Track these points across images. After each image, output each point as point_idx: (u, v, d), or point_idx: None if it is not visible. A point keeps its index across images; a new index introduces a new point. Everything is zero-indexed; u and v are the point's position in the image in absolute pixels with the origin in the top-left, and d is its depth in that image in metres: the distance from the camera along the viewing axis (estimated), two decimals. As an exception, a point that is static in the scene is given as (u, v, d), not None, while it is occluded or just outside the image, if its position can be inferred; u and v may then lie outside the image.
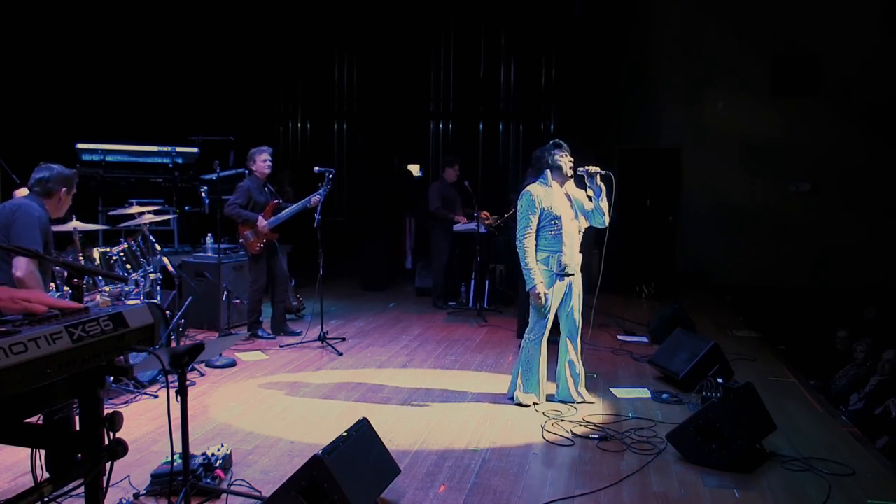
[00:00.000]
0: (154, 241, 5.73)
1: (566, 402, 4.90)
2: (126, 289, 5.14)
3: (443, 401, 5.00)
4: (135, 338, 2.16)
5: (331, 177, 6.29)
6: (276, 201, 6.54)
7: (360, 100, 11.60)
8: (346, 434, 3.28)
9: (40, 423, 2.37)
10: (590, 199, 4.82)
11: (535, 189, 4.73)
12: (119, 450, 2.21)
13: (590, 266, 5.86)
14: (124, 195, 7.46)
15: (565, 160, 4.76)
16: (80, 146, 7.51)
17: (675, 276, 10.45)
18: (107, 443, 2.19)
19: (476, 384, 5.39)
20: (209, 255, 7.10)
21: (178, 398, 2.92)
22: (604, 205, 4.76)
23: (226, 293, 6.81)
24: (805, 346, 7.84)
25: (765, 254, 10.70)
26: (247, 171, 6.68)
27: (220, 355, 5.74)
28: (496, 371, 5.79)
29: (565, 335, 4.90)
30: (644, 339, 6.89)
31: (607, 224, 4.82)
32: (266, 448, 4.09)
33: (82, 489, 2.22)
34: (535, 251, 4.72)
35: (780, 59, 10.47)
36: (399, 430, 4.37)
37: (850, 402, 6.44)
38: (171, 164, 7.85)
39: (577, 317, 4.89)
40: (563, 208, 4.75)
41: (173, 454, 3.08)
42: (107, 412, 2.21)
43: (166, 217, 7.44)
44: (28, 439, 2.25)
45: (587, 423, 4.57)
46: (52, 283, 4.54)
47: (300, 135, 11.92)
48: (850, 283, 10.09)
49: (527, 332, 4.87)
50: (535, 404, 4.86)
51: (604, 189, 4.74)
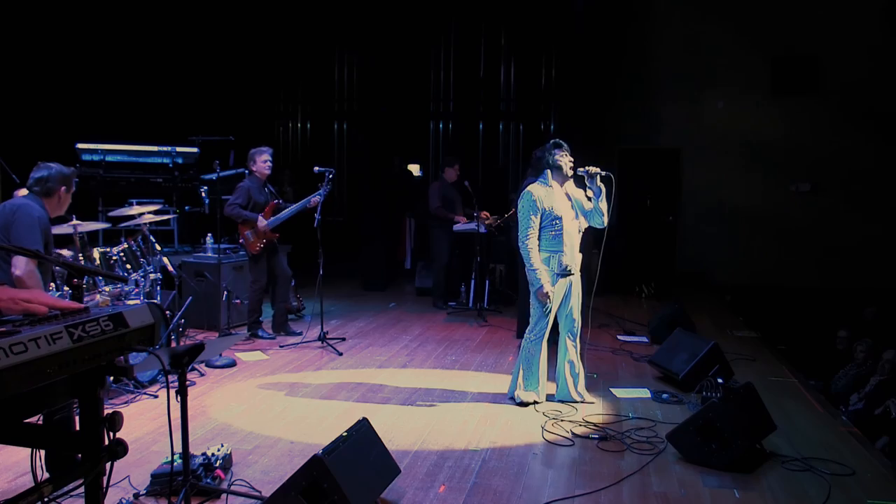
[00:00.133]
0: (154, 241, 5.73)
1: (566, 402, 4.90)
2: (126, 289, 5.14)
3: (443, 401, 5.01)
4: (135, 338, 2.16)
5: (331, 177, 6.30)
6: (275, 201, 6.54)
7: (360, 100, 11.60)
8: (346, 434, 3.28)
9: (40, 423, 2.37)
10: (589, 199, 4.83)
11: (535, 189, 4.73)
12: (119, 450, 2.21)
13: (590, 266, 5.86)
14: (124, 195, 7.47)
15: (565, 160, 4.76)
16: (80, 146, 7.52)
17: (675, 276, 10.46)
18: (107, 443, 2.19)
19: (476, 384, 5.40)
20: (209, 255, 7.10)
21: (178, 398, 2.92)
22: (603, 205, 4.76)
23: (226, 293, 6.81)
24: (805, 346, 7.85)
25: (765, 254, 10.71)
26: (246, 172, 6.68)
27: (220, 355, 5.74)
28: (496, 371, 5.79)
29: (564, 334, 4.90)
30: (644, 339, 6.89)
31: (605, 224, 4.82)
32: (266, 448, 4.09)
33: (82, 489, 2.22)
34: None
35: (780, 59, 10.47)
36: (399, 430, 4.37)
37: (850, 402, 6.44)
38: (171, 164, 7.85)
39: (577, 316, 4.89)
40: (564, 209, 4.74)
41: (173, 454, 3.07)
42: (107, 412, 2.20)
43: (166, 217, 7.45)
44: (28, 439, 2.25)
45: (587, 423, 4.57)
46: (52, 283, 4.55)
47: (300, 135, 11.92)
48: (850, 283, 10.09)
49: (527, 331, 4.87)
50: (535, 403, 4.86)
51: (603, 190, 4.74)
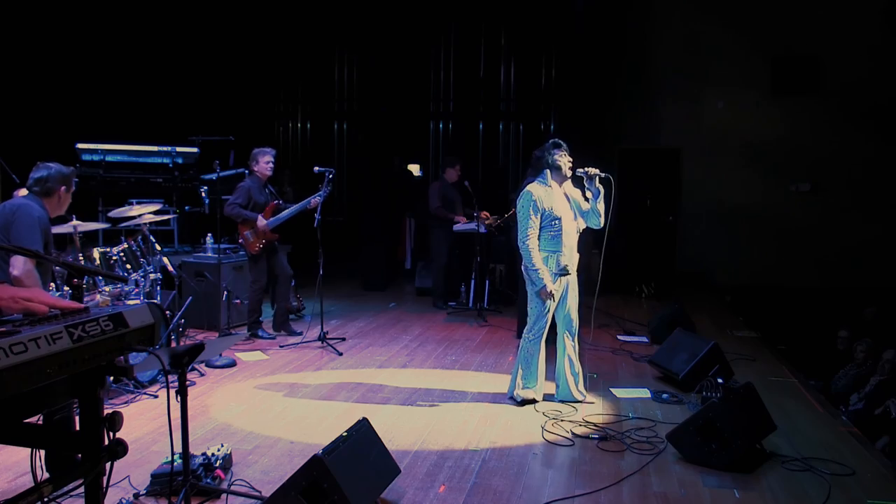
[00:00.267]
0: (154, 241, 5.73)
1: (566, 402, 4.91)
2: (126, 289, 5.14)
3: (443, 401, 5.01)
4: (135, 338, 2.16)
5: (331, 177, 6.29)
6: (276, 202, 6.55)
7: (360, 100, 11.61)
8: (346, 434, 3.28)
9: (40, 423, 2.37)
10: (587, 200, 4.83)
11: (535, 189, 4.73)
12: (119, 450, 2.21)
13: (589, 266, 5.86)
14: (124, 195, 7.46)
15: (564, 160, 4.76)
16: (80, 146, 7.52)
17: (675, 276, 10.45)
18: (107, 443, 2.19)
19: (476, 384, 5.39)
20: (209, 255, 7.10)
21: (178, 398, 2.92)
22: (600, 207, 4.76)
23: (226, 293, 6.81)
24: (805, 346, 7.85)
25: (765, 254, 10.70)
26: (247, 171, 6.68)
27: (220, 355, 5.73)
28: (496, 371, 5.79)
29: (562, 334, 4.89)
30: (644, 339, 6.88)
31: (601, 226, 4.83)
32: (266, 448, 4.09)
33: (82, 489, 2.22)
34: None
35: (780, 59, 10.47)
36: (399, 430, 4.37)
37: (850, 402, 6.44)
38: (171, 164, 7.85)
39: (575, 315, 4.88)
40: (564, 209, 4.74)
41: (173, 454, 3.07)
42: (107, 412, 2.20)
43: (166, 217, 7.45)
44: (28, 439, 2.25)
45: (587, 423, 4.57)
46: (52, 283, 4.55)
47: (300, 135, 11.93)
48: (850, 283, 10.09)
49: (526, 330, 4.87)
50: (534, 401, 4.86)
51: (602, 191, 4.74)
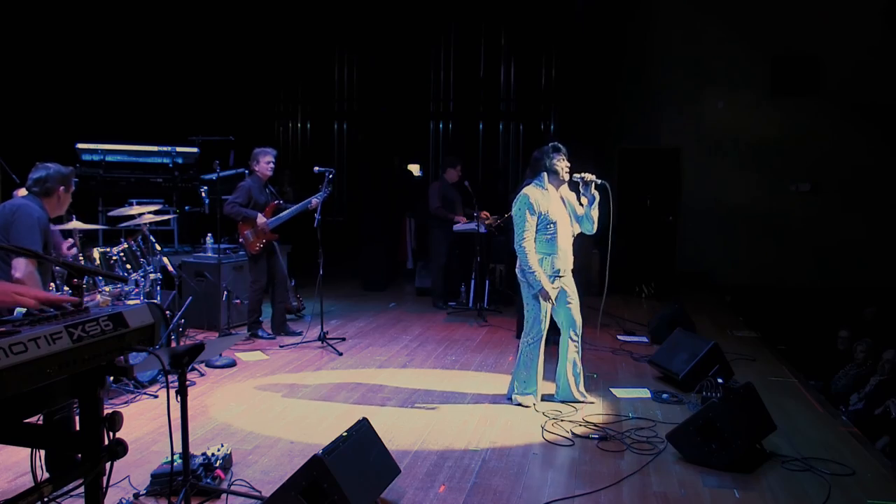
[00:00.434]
0: (154, 241, 5.73)
1: (566, 402, 4.90)
2: (126, 289, 5.14)
3: (443, 401, 5.00)
4: (135, 338, 2.17)
5: (331, 177, 6.30)
6: (276, 202, 6.55)
7: (360, 100, 11.61)
8: (346, 434, 3.28)
9: (40, 423, 2.37)
10: (581, 205, 4.83)
11: (531, 192, 4.72)
12: (119, 450, 2.21)
13: (589, 267, 5.85)
14: (124, 195, 7.46)
15: (562, 164, 4.75)
16: (80, 146, 7.51)
17: (675, 276, 10.44)
18: (107, 443, 2.19)
19: (476, 384, 5.39)
20: (209, 255, 7.10)
21: (178, 398, 2.92)
22: (594, 213, 4.76)
23: (226, 293, 6.81)
24: (805, 346, 7.85)
25: (765, 254, 10.70)
26: (248, 171, 6.68)
27: (220, 355, 5.74)
28: (496, 371, 5.79)
29: (567, 335, 4.88)
30: (644, 339, 6.88)
31: (594, 232, 4.84)
32: (266, 448, 4.09)
33: (82, 489, 2.22)
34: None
35: (780, 59, 10.47)
36: (399, 430, 4.37)
37: (850, 402, 6.44)
38: (171, 164, 7.84)
39: (577, 315, 4.88)
40: (560, 213, 4.75)
41: (173, 454, 3.08)
42: (107, 412, 2.21)
43: (166, 217, 7.44)
44: (28, 439, 2.25)
45: (587, 423, 4.57)
46: (52, 283, 4.55)
47: (300, 135, 11.93)
48: (850, 283, 10.09)
49: (524, 334, 4.86)
50: (533, 405, 4.86)
51: (597, 198, 4.74)
